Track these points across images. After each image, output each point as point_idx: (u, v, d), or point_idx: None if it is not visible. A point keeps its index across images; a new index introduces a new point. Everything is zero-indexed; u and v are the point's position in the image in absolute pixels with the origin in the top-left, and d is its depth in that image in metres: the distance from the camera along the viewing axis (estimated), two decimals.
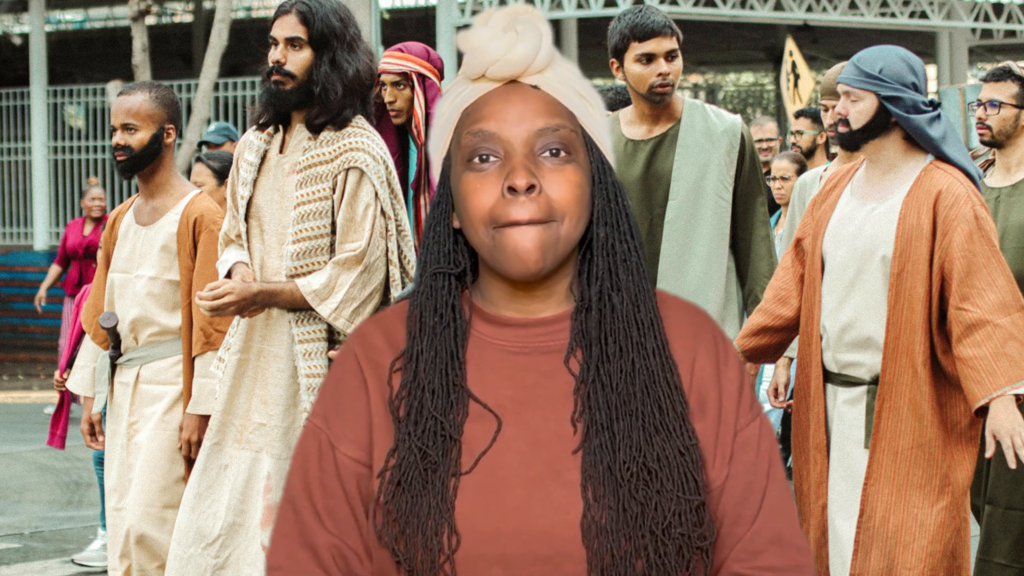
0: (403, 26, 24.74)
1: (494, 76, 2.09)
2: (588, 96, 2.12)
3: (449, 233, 2.11)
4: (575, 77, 2.12)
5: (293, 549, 2.10)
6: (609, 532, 2.00)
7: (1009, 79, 6.07)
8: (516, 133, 2.05)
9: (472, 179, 2.05)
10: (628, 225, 2.10)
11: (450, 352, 2.08)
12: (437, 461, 2.03)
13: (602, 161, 2.11)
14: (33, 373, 18.27)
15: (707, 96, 30.82)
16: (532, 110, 2.06)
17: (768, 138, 10.05)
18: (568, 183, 2.05)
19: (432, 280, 2.10)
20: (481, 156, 2.05)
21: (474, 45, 2.09)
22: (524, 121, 2.05)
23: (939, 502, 4.69)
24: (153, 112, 5.56)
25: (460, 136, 2.08)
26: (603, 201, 2.09)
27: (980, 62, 27.93)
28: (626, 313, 2.07)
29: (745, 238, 5.50)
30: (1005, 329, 4.56)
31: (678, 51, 5.37)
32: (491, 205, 2.03)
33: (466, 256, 2.12)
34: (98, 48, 29.23)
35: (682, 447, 2.04)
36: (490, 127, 2.05)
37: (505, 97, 2.07)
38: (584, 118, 2.11)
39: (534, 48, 2.07)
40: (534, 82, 2.09)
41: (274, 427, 4.99)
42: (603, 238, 2.09)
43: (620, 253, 2.09)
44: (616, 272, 2.08)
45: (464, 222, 2.07)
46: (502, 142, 2.05)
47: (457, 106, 2.11)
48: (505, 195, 2.03)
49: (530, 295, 2.10)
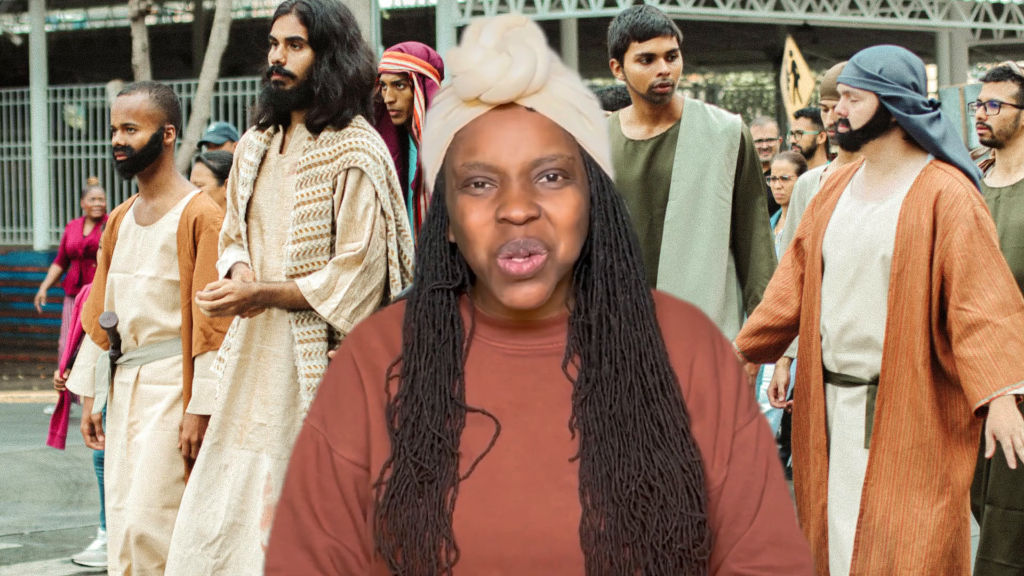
0: (403, 26, 24.74)
1: (488, 101, 2.03)
2: (586, 110, 2.07)
3: (445, 247, 2.09)
4: (572, 91, 2.06)
5: (291, 551, 2.10)
6: (608, 540, 2.00)
7: (1009, 79, 6.07)
8: (512, 164, 2.01)
9: (468, 202, 2.02)
10: (628, 242, 2.08)
11: (449, 367, 2.07)
12: (434, 474, 2.03)
13: (601, 178, 2.08)
14: (33, 373, 18.27)
15: (707, 96, 30.81)
16: (528, 138, 2.01)
17: (768, 138, 10.05)
18: (568, 206, 2.02)
19: (431, 296, 2.09)
20: (476, 182, 2.02)
21: (465, 68, 2.03)
22: (520, 151, 2.01)
23: (939, 502, 4.69)
24: (153, 112, 5.56)
25: (454, 160, 2.05)
26: (602, 221, 2.07)
27: (980, 62, 27.93)
28: (623, 333, 2.06)
29: (745, 238, 5.50)
30: (1005, 329, 4.56)
31: (678, 51, 5.37)
32: (487, 230, 2.01)
33: (463, 267, 2.10)
34: (98, 48, 29.23)
35: (684, 464, 2.04)
36: (485, 158, 2.01)
37: (500, 123, 2.02)
38: (582, 136, 2.06)
39: (529, 72, 2.02)
40: (530, 104, 2.04)
41: (274, 427, 4.99)
42: (602, 260, 2.07)
43: (619, 273, 2.07)
44: (614, 293, 2.06)
45: (460, 242, 2.05)
46: (498, 171, 2.01)
47: (449, 125, 2.06)
48: (499, 222, 2.01)
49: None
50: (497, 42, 2.03)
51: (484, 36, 2.04)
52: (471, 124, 2.04)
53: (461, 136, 2.04)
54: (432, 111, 2.09)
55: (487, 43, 2.03)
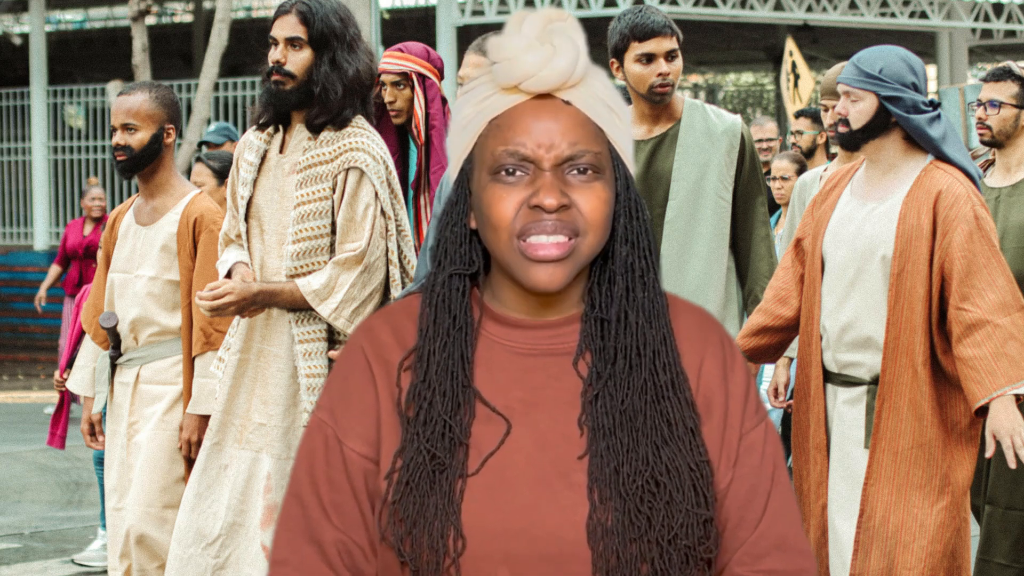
0: (403, 26, 24.74)
1: (528, 90, 2.05)
2: (617, 108, 2.09)
3: (466, 234, 2.10)
4: (606, 88, 2.09)
5: (298, 544, 2.09)
6: (615, 535, 2.01)
7: (1009, 79, 6.07)
8: (547, 154, 2.03)
9: (498, 189, 2.04)
10: (648, 241, 2.10)
11: (461, 355, 2.08)
12: (445, 463, 2.03)
13: (626, 176, 2.10)
14: (33, 373, 18.27)
15: (707, 96, 30.81)
16: (563, 130, 2.04)
17: (768, 138, 10.04)
18: (597, 199, 2.04)
19: (449, 281, 2.10)
20: (508, 170, 2.04)
21: (508, 55, 2.04)
22: (555, 143, 2.03)
23: (939, 502, 4.69)
24: (153, 112, 5.56)
25: (488, 147, 2.06)
26: (626, 218, 2.09)
27: (980, 62, 27.93)
28: (640, 330, 2.07)
29: (745, 238, 5.50)
30: (1005, 329, 4.56)
31: (678, 51, 5.37)
32: (516, 216, 2.03)
33: (480, 256, 2.11)
34: (98, 48, 29.23)
35: (692, 463, 2.05)
36: (522, 148, 2.03)
37: (536, 114, 2.04)
38: (612, 133, 2.08)
39: (571, 64, 2.04)
40: (568, 97, 2.06)
41: (274, 427, 4.99)
42: (624, 256, 2.09)
43: (639, 271, 2.09)
44: (634, 290, 2.08)
45: (485, 228, 2.06)
46: (533, 161, 2.03)
47: (484, 112, 2.07)
48: (530, 208, 2.03)
49: (542, 299, 2.10)
50: (540, 33, 2.05)
51: (527, 26, 2.05)
52: (508, 112, 2.06)
53: (497, 123, 2.06)
54: (465, 97, 2.10)
55: (529, 33, 2.05)
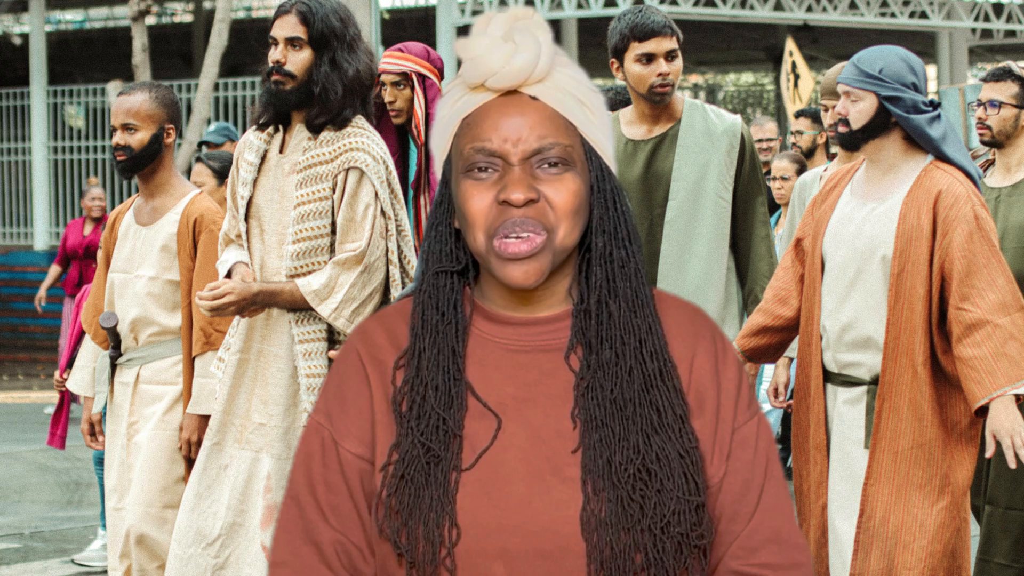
0: (403, 26, 24.74)
1: (493, 87, 2.09)
2: (589, 101, 2.12)
3: (451, 232, 2.14)
4: (576, 82, 2.12)
5: (297, 545, 2.12)
6: (608, 525, 2.02)
7: (1009, 79, 6.07)
8: (514, 149, 2.07)
9: (471, 187, 2.08)
10: (627, 230, 2.12)
11: (452, 349, 2.10)
12: (439, 455, 2.05)
13: (601, 168, 2.12)
14: (33, 373, 18.27)
15: (707, 96, 30.81)
16: (530, 125, 2.07)
17: (768, 138, 10.05)
18: (567, 191, 2.07)
19: (435, 278, 2.13)
20: (480, 167, 2.08)
21: (473, 55, 2.09)
22: (522, 138, 2.07)
23: (939, 502, 4.69)
24: (153, 112, 5.56)
25: (460, 145, 2.10)
26: (601, 209, 2.11)
27: (980, 62, 27.93)
28: (623, 319, 2.09)
29: (745, 238, 5.51)
30: (1005, 329, 4.56)
31: (678, 51, 5.37)
32: (487, 213, 2.06)
33: (467, 254, 2.14)
34: (98, 48, 29.23)
35: (682, 449, 2.06)
36: (489, 144, 2.07)
37: (503, 110, 2.08)
38: (584, 126, 2.11)
39: (532, 59, 2.08)
40: (534, 92, 2.09)
41: (274, 427, 4.99)
42: (601, 247, 2.11)
43: (618, 260, 2.11)
44: (614, 279, 2.10)
45: (463, 226, 2.10)
46: (500, 156, 2.07)
47: (457, 112, 2.12)
48: (500, 204, 2.06)
49: (530, 296, 2.13)
50: (504, 32, 2.09)
51: (492, 26, 2.10)
52: (477, 110, 2.10)
53: (467, 122, 2.10)
54: (442, 100, 2.16)
55: (495, 32, 2.09)
